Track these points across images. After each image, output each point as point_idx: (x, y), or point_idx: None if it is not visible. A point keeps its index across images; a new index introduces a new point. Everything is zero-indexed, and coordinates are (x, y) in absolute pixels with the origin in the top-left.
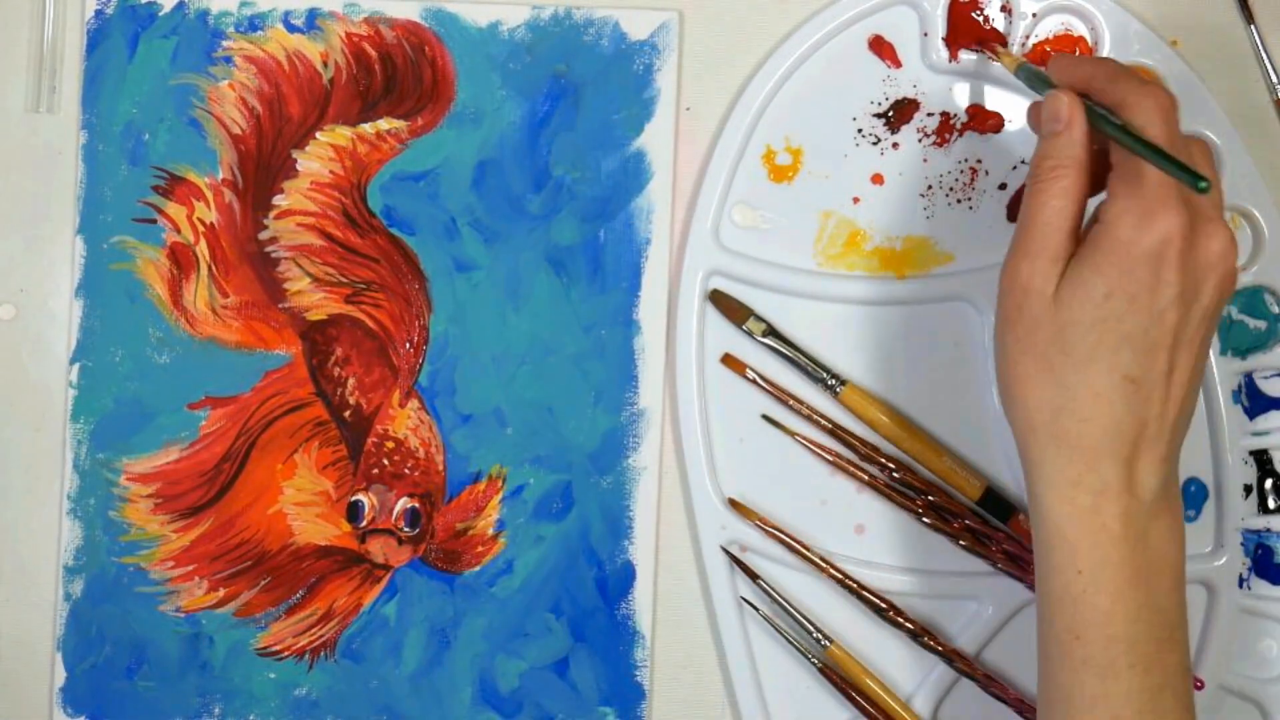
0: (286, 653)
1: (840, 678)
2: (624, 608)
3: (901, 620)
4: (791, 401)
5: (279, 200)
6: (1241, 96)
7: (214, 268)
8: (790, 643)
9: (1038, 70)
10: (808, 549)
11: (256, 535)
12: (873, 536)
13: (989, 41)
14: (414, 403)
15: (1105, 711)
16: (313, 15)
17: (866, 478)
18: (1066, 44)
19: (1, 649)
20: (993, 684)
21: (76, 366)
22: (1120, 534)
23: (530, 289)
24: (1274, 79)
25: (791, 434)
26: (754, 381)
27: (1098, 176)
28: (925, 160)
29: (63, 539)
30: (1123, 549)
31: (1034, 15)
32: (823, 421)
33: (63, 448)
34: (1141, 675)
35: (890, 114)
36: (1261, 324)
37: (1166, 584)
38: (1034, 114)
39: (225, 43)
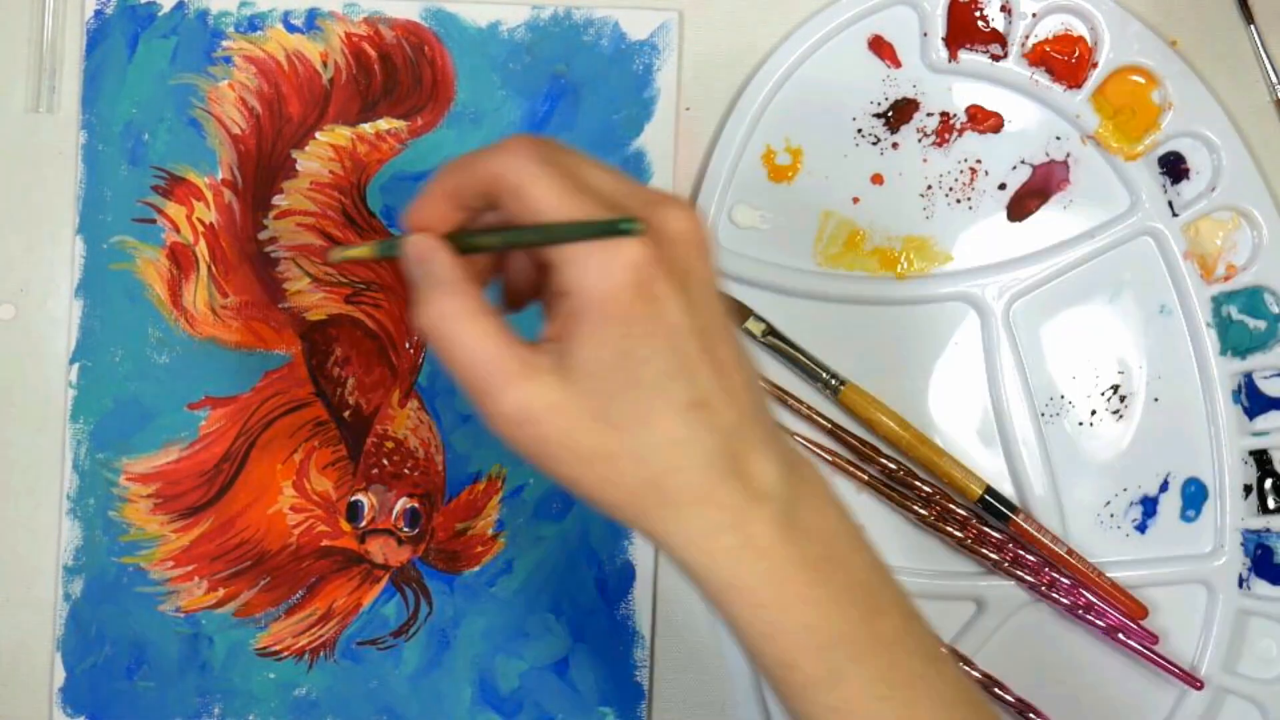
0: (286, 653)
1: None
2: (624, 608)
3: None
4: (791, 401)
5: (279, 200)
6: (1241, 96)
7: (214, 268)
8: None
9: (390, 242)
10: None
11: (256, 535)
12: (873, 536)
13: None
14: (414, 403)
15: (854, 713)
16: (312, 15)
17: (866, 478)
18: (1066, 44)
19: (1, 649)
20: (992, 684)
21: (76, 366)
22: (773, 544)
23: None
24: (1274, 79)
25: (791, 434)
26: None
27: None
28: (925, 160)
29: (62, 539)
30: (785, 557)
31: (1034, 15)
32: (822, 421)
33: (62, 448)
34: (868, 662)
35: (890, 114)
36: (1261, 324)
37: (846, 555)
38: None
39: (225, 43)
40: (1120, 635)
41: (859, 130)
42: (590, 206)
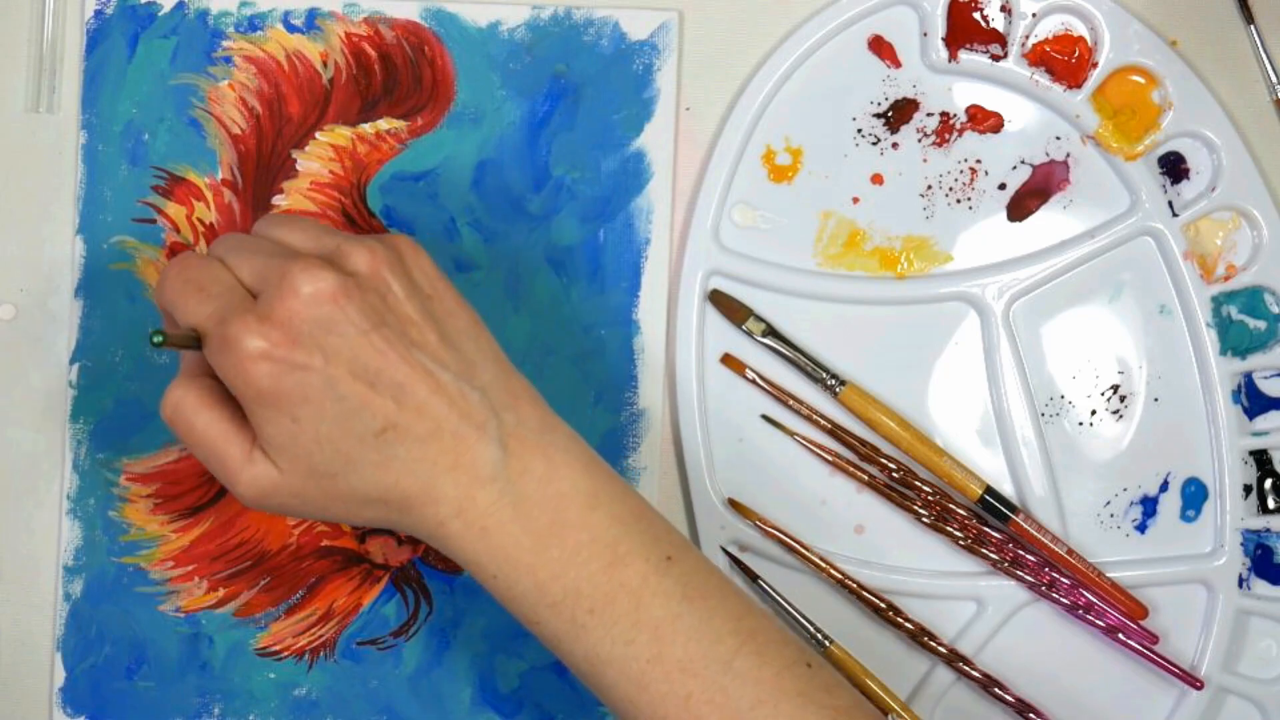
0: (286, 653)
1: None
2: None
3: (901, 620)
4: (791, 401)
5: (278, 200)
6: (1241, 96)
7: None
8: None
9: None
10: (807, 549)
11: (256, 535)
12: (873, 536)
13: None
14: None
15: (603, 659)
16: (312, 15)
17: (866, 478)
18: (1066, 44)
19: (1, 649)
20: (992, 685)
21: (76, 366)
22: (494, 522)
23: (530, 289)
24: (1274, 79)
25: (791, 434)
26: (754, 381)
27: None
28: (925, 160)
29: (62, 539)
30: (507, 531)
31: (1034, 15)
32: (822, 421)
33: (62, 448)
34: (608, 612)
35: (890, 114)
36: (1261, 324)
37: (581, 515)
38: None
39: (225, 43)
40: (1120, 635)
41: (859, 130)
42: (205, 310)
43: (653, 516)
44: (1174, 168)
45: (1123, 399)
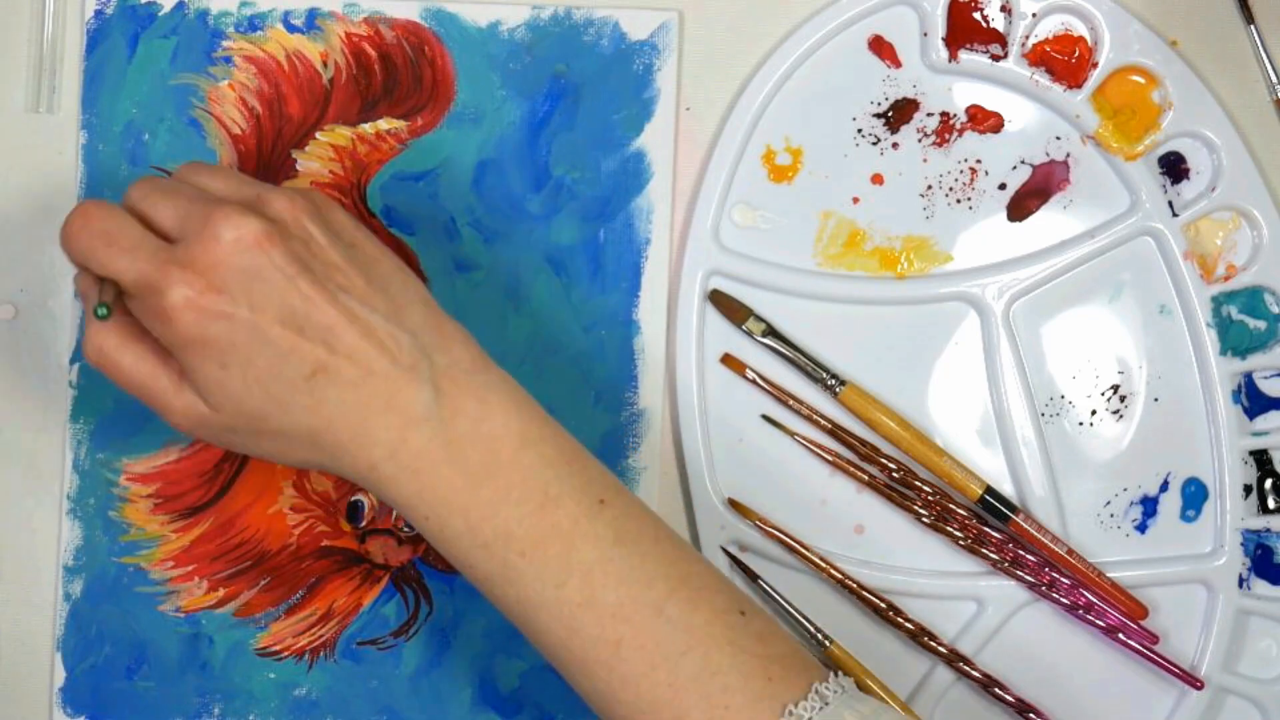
0: (286, 653)
1: None
2: None
3: (901, 620)
4: (791, 401)
5: None
6: (1241, 96)
7: None
8: None
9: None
10: (807, 549)
11: (256, 535)
12: (873, 536)
13: None
14: None
15: (534, 603)
16: (312, 15)
17: (866, 478)
18: (1066, 44)
19: (1, 649)
20: (992, 685)
21: (76, 366)
22: (426, 463)
23: (530, 289)
24: (1274, 79)
25: (791, 434)
26: (754, 381)
27: None
28: (925, 160)
29: (62, 539)
30: (437, 473)
31: (1034, 15)
32: (822, 421)
33: (63, 448)
34: (539, 555)
35: (890, 114)
36: (1261, 324)
37: (514, 455)
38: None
39: (225, 43)
40: (1120, 635)
41: (859, 130)
42: (121, 262)
43: (586, 460)
44: (1174, 168)
45: (1123, 399)
